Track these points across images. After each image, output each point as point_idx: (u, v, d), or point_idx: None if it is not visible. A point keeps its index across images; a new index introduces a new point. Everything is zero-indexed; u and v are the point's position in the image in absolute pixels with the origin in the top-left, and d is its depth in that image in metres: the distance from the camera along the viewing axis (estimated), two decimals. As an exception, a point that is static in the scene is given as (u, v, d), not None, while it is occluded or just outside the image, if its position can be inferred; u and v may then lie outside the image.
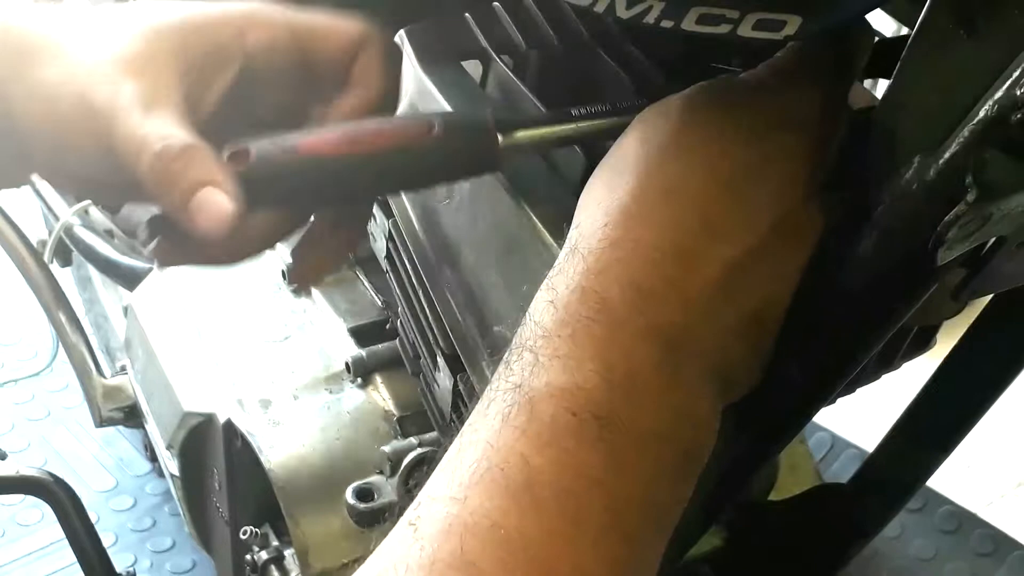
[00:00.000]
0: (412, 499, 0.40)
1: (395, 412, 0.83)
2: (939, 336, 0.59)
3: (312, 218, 0.55)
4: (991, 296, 0.62)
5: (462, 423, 0.42)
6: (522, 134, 0.50)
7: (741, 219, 0.43)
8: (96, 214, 1.23)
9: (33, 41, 0.48)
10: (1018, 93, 0.38)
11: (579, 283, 0.42)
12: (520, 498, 0.38)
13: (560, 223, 0.47)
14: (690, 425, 0.42)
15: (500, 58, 0.59)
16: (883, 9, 0.45)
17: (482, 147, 0.49)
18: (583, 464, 0.39)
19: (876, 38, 0.49)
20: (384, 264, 0.71)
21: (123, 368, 1.15)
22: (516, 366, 0.41)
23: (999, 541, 1.27)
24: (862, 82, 0.52)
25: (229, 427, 0.85)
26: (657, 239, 0.42)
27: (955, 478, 1.33)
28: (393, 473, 0.78)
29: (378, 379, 0.85)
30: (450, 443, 0.41)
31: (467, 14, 0.62)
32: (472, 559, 0.36)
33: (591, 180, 0.47)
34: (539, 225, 0.52)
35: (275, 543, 0.87)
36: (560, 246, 0.45)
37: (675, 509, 0.42)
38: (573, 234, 0.44)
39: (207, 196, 0.46)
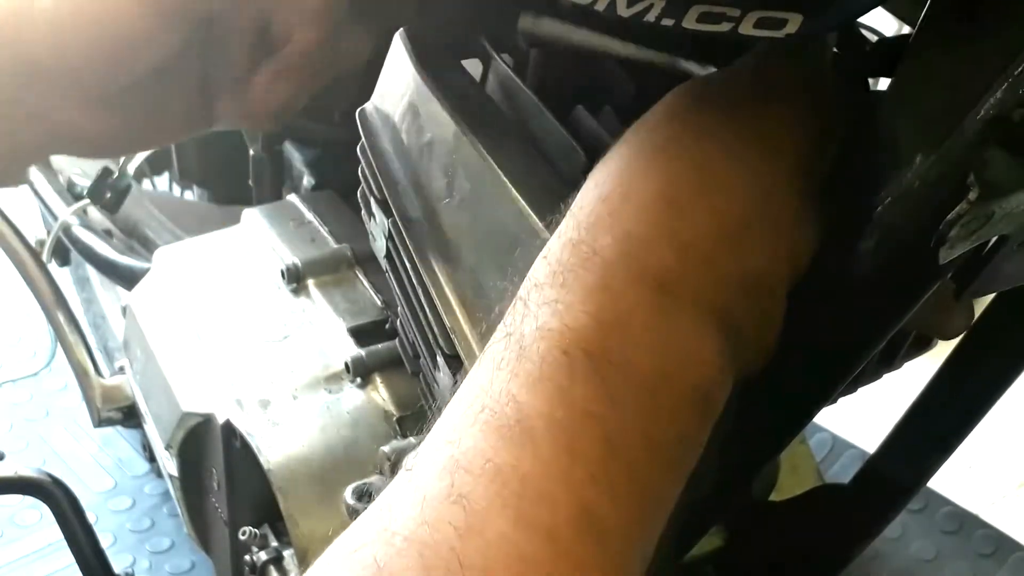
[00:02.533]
0: None
1: (395, 412, 0.83)
2: (940, 336, 0.59)
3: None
4: (992, 296, 0.61)
5: None
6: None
7: (738, 176, 0.43)
8: (95, 213, 1.23)
9: None
10: (1020, 91, 0.38)
11: (569, 237, 0.43)
12: (512, 433, 0.38)
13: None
14: (692, 364, 0.41)
15: (500, 57, 0.59)
16: (884, 7, 0.45)
17: None
18: (575, 397, 0.39)
19: (875, 38, 0.49)
20: (384, 264, 0.70)
21: (121, 368, 1.15)
22: (508, 318, 0.42)
23: (1000, 542, 1.27)
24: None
25: (228, 427, 0.84)
26: (649, 190, 0.43)
27: (956, 479, 1.33)
28: (392, 473, 0.78)
29: (378, 379, 0.84)
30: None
31: (467, 14, 0.62)
32: (464, 492, 0.36)
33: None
34: (539, 224, 0.52)
35: (274, 544, 0.86)
36: None
37: (684, 449, 0.41)
38: (570, 201, 0.45)
39: None
